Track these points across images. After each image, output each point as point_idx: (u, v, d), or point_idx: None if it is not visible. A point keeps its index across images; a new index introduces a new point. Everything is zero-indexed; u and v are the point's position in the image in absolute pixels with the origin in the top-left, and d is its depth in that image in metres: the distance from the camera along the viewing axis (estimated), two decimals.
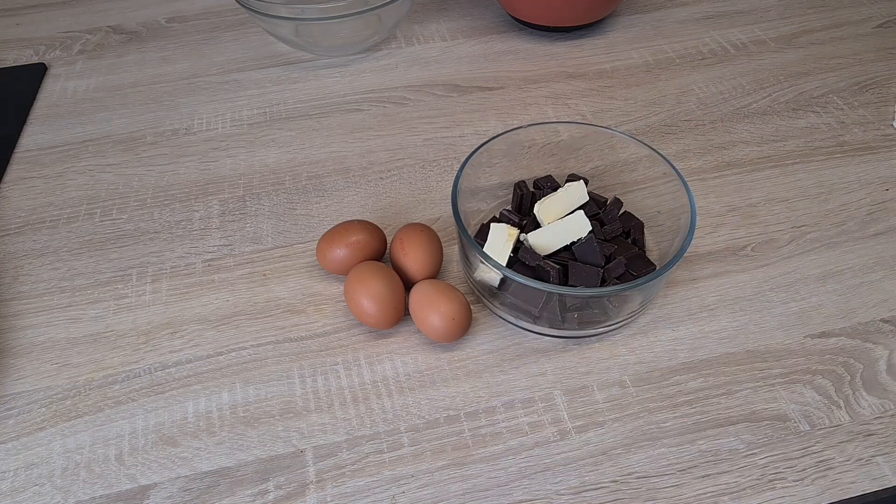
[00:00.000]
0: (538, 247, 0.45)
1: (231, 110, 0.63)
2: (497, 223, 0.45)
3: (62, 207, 0.55)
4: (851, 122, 0.60)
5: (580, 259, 0.44)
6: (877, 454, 0.39)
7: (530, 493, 0.38)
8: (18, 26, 0.74)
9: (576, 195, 0.47)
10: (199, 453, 0.40)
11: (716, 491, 0.38)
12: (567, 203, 0.47)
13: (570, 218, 0.45)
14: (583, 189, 0.47)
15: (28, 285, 0.49)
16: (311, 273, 0.49)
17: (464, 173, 0.46)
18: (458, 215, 0.43)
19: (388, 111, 0.62)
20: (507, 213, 0.48)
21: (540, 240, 0.45)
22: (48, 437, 0.41)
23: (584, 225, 0.45)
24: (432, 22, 0.73)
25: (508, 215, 0.48)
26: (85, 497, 0.39)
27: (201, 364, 0.44)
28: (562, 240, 0.45)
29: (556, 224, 0.45)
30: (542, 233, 0.45)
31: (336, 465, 0.39)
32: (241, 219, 0.53)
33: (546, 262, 0.43)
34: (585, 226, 0.45)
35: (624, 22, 0.72)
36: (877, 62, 0.66)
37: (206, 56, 0.69)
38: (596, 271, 0.43)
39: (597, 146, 0.50)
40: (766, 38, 0.69)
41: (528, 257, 0.44)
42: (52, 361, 0.45)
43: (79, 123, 0.62)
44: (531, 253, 0.44)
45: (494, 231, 0.44)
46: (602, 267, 0.44)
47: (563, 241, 0.45)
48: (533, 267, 0.44)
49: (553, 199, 0.46)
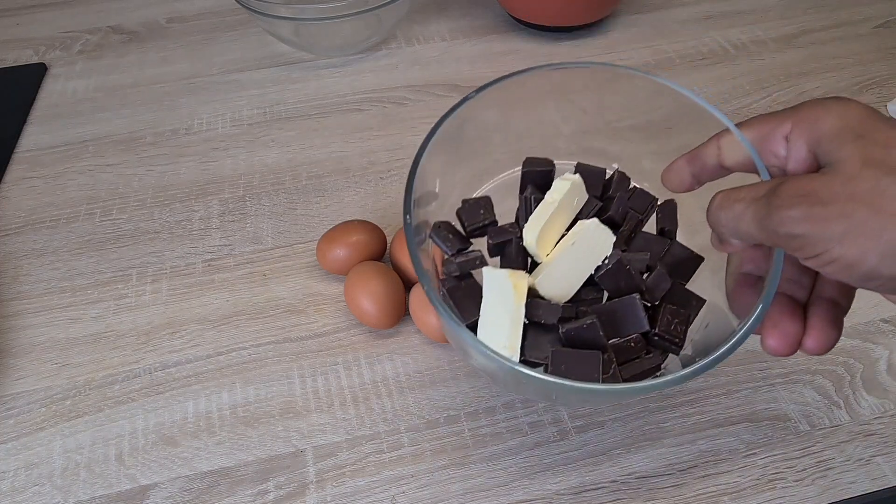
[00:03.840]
0: (552, 295, 0.34)
1: (231, 110, 0.63)
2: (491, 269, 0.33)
3: (62, 207, 0.55)
4: None
5: (611, 290, 0.34)
6: (877, 454, 0.39)
7: (530, 493, 0.38)
8: (18, 26, 0.74)
9: (573, 198, 0.36)
10: (199, 453, 0.40)
11: (716, 491, 0.38)
12: (565, 214, 0.36)
13: (581, 236, 0.33)
14: (579, 187, 0.37)
15: (28, 285, 0.49)
16: (311, 273, 0.49)
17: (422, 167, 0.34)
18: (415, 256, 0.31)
19: (388, 111, 0.62)
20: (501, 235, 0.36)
21: (552, 284, 0.33)
22: (48, 437, 0.41)
23: (604, 239, 0.34)
24: (432, 22, 0.73)
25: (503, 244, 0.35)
26: (85, 497, 0.39)
27: (201, 364, 0.44)
28: (580, 273, 0.34)
29: (565, 252, 0.34)
30: (550, 273, 0.33)
31: (336, 465, 0.39)
32: (241, 219, 0.53)
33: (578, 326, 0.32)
34: (606, 240, 0.34)
35: (624, 22, 0.72)
36: (877, 62, 0.66)
37: (206, 56, 0.69)
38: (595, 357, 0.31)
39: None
40: (766, 38, 0.69)
41: (546, 316, 0.32)
42: (52, 361, 0.45)
43: (79, 123, 0.62)
44: (548, 309, 0.32)
45: (491, 286, 0.32)
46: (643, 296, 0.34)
47: (582, 274, 0.34)
48: (560, 334, 0.32)
49: (546, 217, 0.34)
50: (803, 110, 0.28)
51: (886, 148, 0.24)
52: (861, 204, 0.23)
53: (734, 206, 0.27)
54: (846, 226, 0.23)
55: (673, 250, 0.37)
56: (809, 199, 0.24)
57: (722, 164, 0.32)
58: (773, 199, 0.25)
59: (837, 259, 0.24)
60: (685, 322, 0.34)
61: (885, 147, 0.24)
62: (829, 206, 0.24)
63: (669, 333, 0.33)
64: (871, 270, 0.23)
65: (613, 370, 0.32)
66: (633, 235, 0.38)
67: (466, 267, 0.35)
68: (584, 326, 0.32)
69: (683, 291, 0.36)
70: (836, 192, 0.24)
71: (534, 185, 0.38)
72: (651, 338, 0.34)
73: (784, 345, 0.28)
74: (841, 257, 0.24)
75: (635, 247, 0.37)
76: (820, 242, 0.24)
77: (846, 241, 0.23)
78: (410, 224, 0.32)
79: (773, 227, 0.25)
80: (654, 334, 0.34)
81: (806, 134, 0.27)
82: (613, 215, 0.37)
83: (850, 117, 0.26)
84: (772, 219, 0.25)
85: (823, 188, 0.24)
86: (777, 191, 0.25)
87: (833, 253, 0.24)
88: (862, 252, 0.23)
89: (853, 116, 0.26)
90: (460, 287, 0.34)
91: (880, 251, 0.23)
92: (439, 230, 0.36)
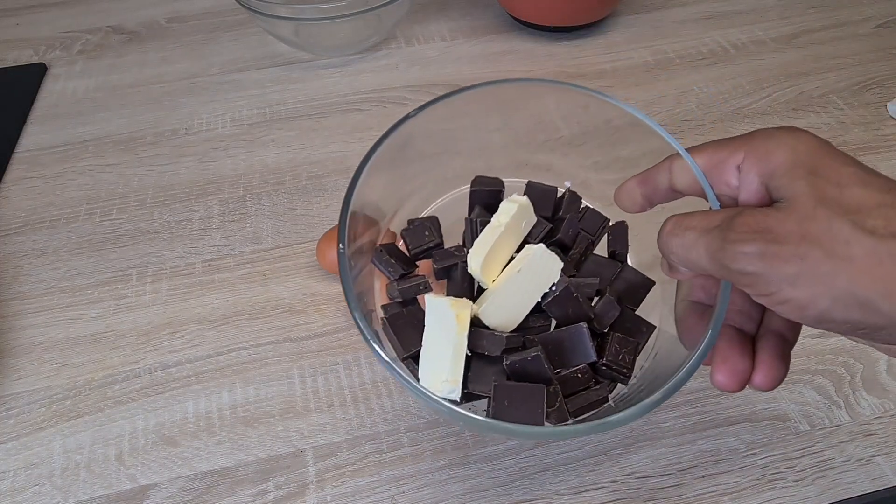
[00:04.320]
0: (497, 324, 0.32)
1: (231, 110, 0.63)
2: (433, 297, 0.32)
3: (62, 207, 0.55)
4: (851, 122, 0.60)
5: (559, 317, 0.33)
6: (877, 454, 0.39)
7: (530, 493, 0.38)
8: (18, 26, 0.74)
9: (520, 220, 0.34)
10: (199, 453, 0.40)
11: (716, 491, 0.38)
12: (512, 238, 0.34)
13: (527, 263, 0.32)
14: (527, 209, 0.35)
15: (28, 285, 0.49)
16: (311, 273, 0.49)
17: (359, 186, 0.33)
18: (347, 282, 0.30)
19: (388, 111, 0.62)
20: (446, 259, 0.34)
21: (497, 313, 0.32)
22: (48, 437, 0.41)
23: (551, 266, 0.32)
24: (432, 22, 0.73)
25: (449, 268, 0.34)
26: (85, 497, 0.39)
27: (201, 364, 0.44)
28: (527, 301, 0.33)
29: (510, 280, 0.32)
30: (495, 302, 0.32)
31: (336, 465, 0.39)
32: (241, 219, 0.53)
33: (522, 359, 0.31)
34: (553, 267, 0.32)
35: (624, 22, 0.72)
36: (877, 62, 0.66)
37: (206, 56, 0.69)
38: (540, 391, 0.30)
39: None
40: (766, 38, 0.69)
41: (490, 348, 0.31)
42: (52, 361, 0.45)
43: (79, 123, 0.62)
44: (492, 340, 0.31)
45: (433, 315, 0.31)
46: (591, 323, 0.33)
47: (529, 301, 0.33)
48: (504, 366, 0.31)
49: (492, 242, 0.33)
50: (755, 141, 0.27)
51: (839, 187, 0.24)
52: (815, 246, 0.23)
53: (686, 235, 0.27)
54: (799, 268, 0.23)
55: (624, 274, 0.37)
56: (764, 237, 0.24)
57: (673, 188, 0.31)
58: (727, 234, 0.25)
59: (789, 301, 0.23)
60: (633, 352, 0.33)
61: (838, 186, 0.24)
62: (784, 246, 0.23)
63: (617, 363, 0.33)
64: (823, 314, 0.23)
65: (559, 403, 0.31)
66: (584, 259, 0.37)
67: (409, 293, 0.34)
68: (528, 359, 0.31)
69: (633, 318, 0.35)
70: (790, 231, 0.23)
71: (482, 205, 0.37)
72: (599, 368, 0.33)
73: (733, 381, 0.27)
74: (793, 299, 0.23)
75: (586, 270, 0.37)
76: (773, 282, 0.23)
77: (798, 284, 0.23)
78: (344, 253, 0.30)
79: (726, 262, 0.25)
80: (601, 364, 0.33)
81: (758, 166, 0.27)
82: (563, 238, 0.36)
83: (802, 151, 0.26)
84: (725, 253, 0.25)
85: (778, 225, 0.24)
86: (731, 224, 0.25)
87: (785, 294, 0.23)
88: (814, 296, 0.23)
89: (804, 150, 0.26)
90: (402, 315, 0.33)
91: (832, 296, 0.23)
92: (381, 254, 0.35)
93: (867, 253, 0.22)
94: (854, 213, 0.23)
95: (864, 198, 0.23)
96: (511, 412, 0.29)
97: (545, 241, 0.36)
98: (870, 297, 0.22)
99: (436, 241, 0.36)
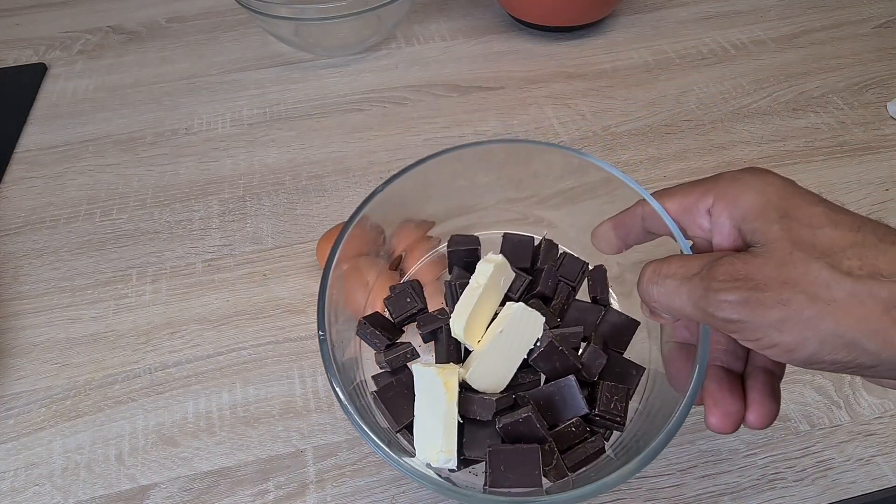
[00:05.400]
0: (486, 386, 0.32)
1: (231, 110, 0.63)
2: (420, 367, 0.31)
3: (62, 207, 0.55)
4: (851, 122, 0.60)
5: (547, 372, 0.33)
6: (877, 454, 0.39)
7: None
8: (18, 26, 0.74)
9: (499, 279, 0.35)
10: (199, 453, 0.40)
11: (716, 491, 0.38)
12: (493, 297, 0.34)
13: (509, 322, 0.32)
14: (504, 267, 0.35)
15: (28, 285, 0.49)
16: (311, 273, 0.49)
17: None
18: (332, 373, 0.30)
19: (388, 111, 0.62)
20: (430, 324, 0.35)
21: (484, 375, 0.32)
22: (48, 437, 0.41)
23: (533, 322, 0.32)
24: (432, 22, 0.73)
25: (434, 332, 0.35)
26: (85, 497, 0.39)
27: (201, 364, 0.44)
28: (513, 359, 0.33)
29: (494, 341, 0.32)
30: (482, 364, 0.32)
31: (336, 465, 0.39)
32: (241, 219, 0.53)
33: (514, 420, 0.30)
34: (535, 323, 0.33)
35: (624, 22, 0.72)
36: (877, 62, 0.66)
37: (206, 56, 0.69)
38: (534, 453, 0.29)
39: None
40: (766, 38, 0.69)
41: (481, 412, 0.31)
42: (52, 361, 0.45)
43: (79, 123, 0.62)
44: (483, 404, 0.31)
45: (422, 385, 0.31)
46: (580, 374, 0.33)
47: (515, 360, 0.33)
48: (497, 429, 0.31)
49: (472, 304, 0.33)
50: (721, 185, 0.27)
51: (811, 228, 0.24)
52: (796, 291, 0.23)
53: (666, 283, 0.27)
54: (783, 314, 0.23)
55: (608, 317, 0.37)
56: (746, 284, 0.24)
57: (647, 230, 0.31)
58: (708, 282, 0.25)
59: (776, 345, 0.24)
60: (625, 398, 0.33)
61: (811, 227, 0.24)
62: (766, 293, 0.23)
63: (610, 413, 0.32)
64: (812, 356, 0.23)
65: (556, 461, 0.31)
66: (566, 307, 0.37)
67: (396, 362, 0.34)
68: (520, 420, 0.30)
69: (622, 362, 0.35)
70: (770, 277, 0.23)
71: (460, 264, 0.38)
72: (592, 418, 0.33)
73: (727, 423, 0.27)
74: (780, 343, 0.23)
75: (570, 318, 0.37)
76: (759, 328, 0.24)
77: (784, 329, 0.23)
78: (326, 340, 0.30)
79: (710, 310, 0.25)
80: (594, 415, 0.32)
81: (728, 210, 0.27)
82: (543, 289, 0.36)
83: (770, 193, 0.26)
84: (708, 301, 0.25)
85: (758, 272, 0.24)
86: (712, 272, 0.25)
87: (772, 339, 0.24)
88: (801, 339, 0.23)
89: (772, 192, 0.26)
90: (392, 386, 0.33)
91: (819, 339, 0.23)
92: (364, 326, 0.35)
93: (848, 295, 0.22)
94: (829, 256, 0.23)
95: (836, 238, 0.24)
96: (508, 478, 0.29)
97: (526, 293, 0.36)
98: (856, 337, 0.22)
99: (418, 306, 0.36)
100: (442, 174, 0.37)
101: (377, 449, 0.28)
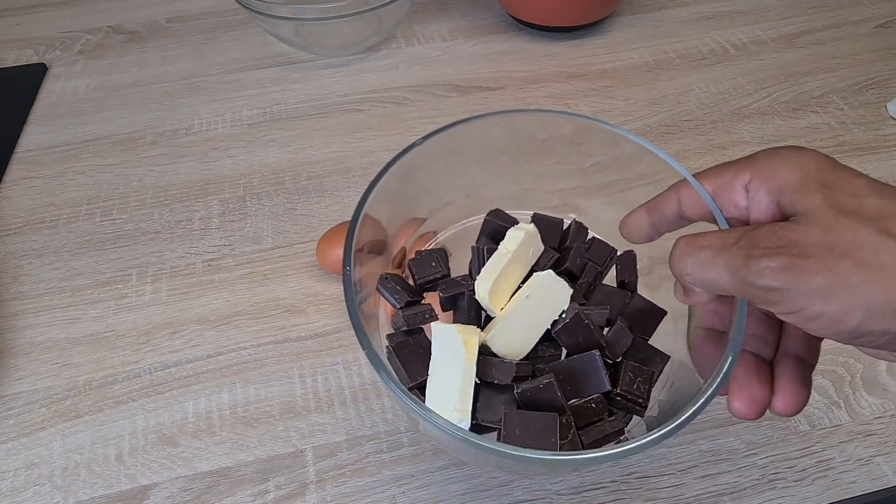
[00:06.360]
0: (506, 352, 0.32)
1: (231, 110, 0.63)
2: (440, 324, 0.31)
3: (62, 207, 0.55)
4: (851, 122, 0.60)
5: (569, 346, 0.32)
6: (877, 454, 0.39)
7: (530, 493, 0.38)
8: (18, 26, 0.74)
9: (528, 248, 0.34)
10: (199, 453, 0.40)
11: (716, 491, 0.38)
12: (520, 266, 0.34)
13: (536, 289, 0.31)
14: (534, 237, 0.35)
15: (28, 285, 0.49)
16: (311, 273, 0.49)
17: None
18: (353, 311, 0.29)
19: (388, 111, 0.62)
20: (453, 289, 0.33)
21: (506, 340, 0.31)
22: (48, 437, 0.41)
23: (560, 292, 0.32)
24: (432, 22, 0.73)
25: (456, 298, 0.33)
26: (85, 497, 0.39)
27: (201, 364, 0.44)
28: (536, 328, 0.32)
29: (519, 306, 0.31)
30: (504, 329, 0.31)
31: (336, 465, 0.39)
32: (241, 219, 0.53)
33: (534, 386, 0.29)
34: (563, 293, 0.32)
35: (624, 22, 0.72)
36: (877, 62, 0.66)
37: (206, 56, 0.69)
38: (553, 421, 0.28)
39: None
40: (766, 38, 0.69)
41: (499, 376, 0.30)
42: (52, 361, 0.45)
43: (79, 123, 0.62)
44: (502, 367, 0.30)
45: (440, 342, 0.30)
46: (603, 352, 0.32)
47: (538, 329, 0.32)
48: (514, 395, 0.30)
49: (499, 269, 0.32)
50: (759, 161, 0.27)
51: (856, 197, 0.23)
52: (843, 257, 0.22)
53: (701, 253, 0.26)
54: (829, 280, 0.22)
55: (634, 303, 0.36)
56: (789, 250, 0.23)
57: (682, 215, 0.30)
58: (749, 249, 0.24)
59: (821, 315, 0.22)
60: (649, 381, 0.32)
61: (856, 196, 0.23)
62: (811, 259, 0.22)
63: (632, 393, 0.31)
64: (859, 326, 0.22)
65: (573, 435, 0.29)
66: (592, 288, 0.36)
67: (415, 321, 0.33)
68: (540, 386, 0.29)
69: (646, 347, 0.34)
70: (815, 244, 0.23)
71: (489, 235, 0.37)
72: (613, 398, 0.31)
73: (752, 409, 0.26)
74: (825, 314, 0.22)
75: (595, 300, 0.36)
76: (801, 297, 0.23)
77: (830, 297, 0.22)
78: (350, 274, 0.30)
79: (750, 278, 0.24)
80: (616, 394, 0.31)
81: (766, 184, 0.26)
82: (571, 267, 0.35)
83: (810, 167, 0.25)
84: (748, 269, 0.24)
85: (802, 238, 0.23)
86: (752, 239, 0.24)
87: (816, 309, 0.22)
88: (848, 308, 0.22)
89: (813, 166, 0.25)
90: (408, 343, 0.32)
91: (867, 307, 0.22)
92: (386, 281, 0.34)
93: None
94: (877, 221, 0.23)
95: (882, 206, 0.23)
96: (522, 440, 0.28)
97: (553, 269, 0.35)
98: None
99: (442, 272, 0.35)
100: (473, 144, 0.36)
101: (395, 390, 0.27)
